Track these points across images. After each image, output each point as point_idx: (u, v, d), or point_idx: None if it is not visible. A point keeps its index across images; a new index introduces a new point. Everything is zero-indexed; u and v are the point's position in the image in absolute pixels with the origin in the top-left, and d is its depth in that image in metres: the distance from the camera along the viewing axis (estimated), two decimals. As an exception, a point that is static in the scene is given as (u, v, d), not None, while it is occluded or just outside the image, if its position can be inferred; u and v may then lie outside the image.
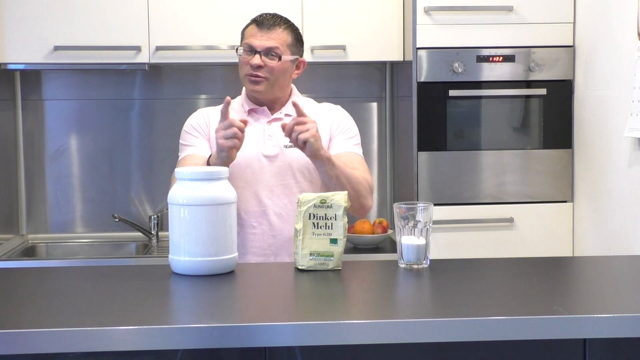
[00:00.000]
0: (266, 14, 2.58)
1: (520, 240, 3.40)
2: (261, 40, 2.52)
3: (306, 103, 2.62)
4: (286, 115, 2.57)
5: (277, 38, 2.53)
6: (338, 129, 2.59)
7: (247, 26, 2.59)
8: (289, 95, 2.63)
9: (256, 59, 2.51)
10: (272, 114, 2.59)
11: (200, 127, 2.60)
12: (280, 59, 2.52)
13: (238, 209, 2.19)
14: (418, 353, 1.71)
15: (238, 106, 2.62)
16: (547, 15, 3.38)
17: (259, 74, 2.52)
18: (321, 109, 2.65)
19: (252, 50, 2.53)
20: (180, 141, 2.62)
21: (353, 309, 1.80)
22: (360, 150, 2.62)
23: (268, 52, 2.52)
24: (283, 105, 2.61)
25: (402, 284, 2.01)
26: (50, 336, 1.56)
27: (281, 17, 2.58)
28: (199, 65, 3.75)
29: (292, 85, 2.66)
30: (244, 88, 2.63)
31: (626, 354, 1.73)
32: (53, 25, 3.42)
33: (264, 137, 2.56)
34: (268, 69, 2.52)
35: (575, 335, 1.65)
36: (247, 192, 2.53)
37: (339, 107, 2.69)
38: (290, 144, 2.48)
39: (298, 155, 2.49)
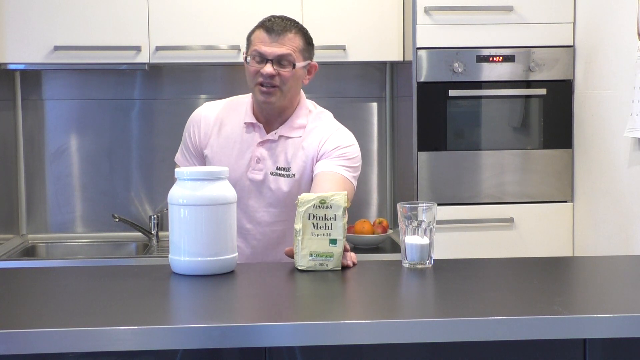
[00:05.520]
0: (275, 17, 2.41)
1: (520, 240, 3.40)
2: (272, 47, 2.35)
3: (320, 119, 2.49)
4: (280, 136, 2.44)
5: (289, 44, 2.36)
6: (328, 150, 2.42)
7: (253, 31, 2.42)
8: (297, 104, 2.47)
9: (268, 68, 2.35)
10: (267, 133, 2.45)
11: (195, 141, 2.51)
12: (294, 66, 2.36)
13: None
14: (418, 353, 1.71)
15: (243, 111, 2.48)
16: (547, 15, 3.38)
17: (273, 82, 2.36)
18: (320, 129, 2.47)
19: (263, 58, 2.36)
20: (183, 137, 2.57)
21: (353, 309, 1.81)
22: (348, 174, 2.40)
23: (280, 59, 2.35)
24: (285, 119, 2.45)
25: (402, 284, 2.01)
26: (50, 336, 1.56)
27: (291, 19, 2.42)
28: (199, 65, 3.75)
29: (301, 92, 2.51)
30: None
31: (626, 354, 1.73)
32: (53, 25, 3.42)
33: (252, 158, 2.44)
34: (281, 77, 2.36)
35: (575, 335, 1.65)
36: None
37: (348, 133, 2.49)
38: (278, 171, 2.42)
39: (283, 184, 2.43)
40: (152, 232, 3.69)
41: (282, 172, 2.44)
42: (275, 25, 2.37)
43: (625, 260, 2.41)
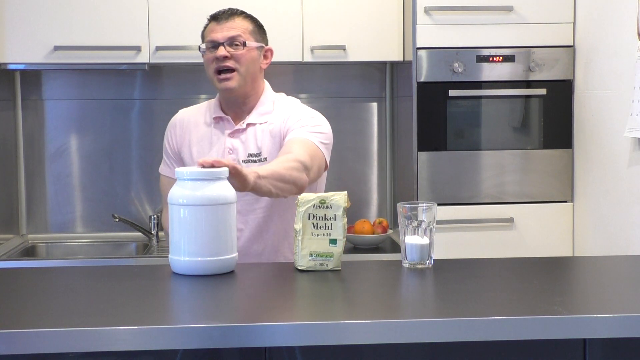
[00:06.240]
0: (221, 9, 2.53)
1: (520, 240, 3.40)
2: (222, 31, 2.47)
3: (285, 103, 2.55)
4: (248, 124, 2.49)
5: (238, 27, 2.48)
6: (293, 124, 2.46)
7: (205, 27, 2.55)
8: (261, 94, 2.55)
9: (221, 50, 2.45)
10: (235, 124, 2.52)
11: (173, 144, 2.59)
12: (245, 45, 2.46)
13: None
14: (418, 353, 1.71)
15: (212, 109, 2.56)
16: (547, 15, 3.38)
17: (227, 64, 2.45)
18: (283, 110, 2.52)
19: (215, 44, 2.47)
20: (163, 146, 2.63)
21: (353, 309, 1.80)
22: (315, 139, 2.42)
23: (231, 41, 2.46)
24: (251, 108, 2.52)
25: (402, 284, 2.01)
26: (50, 336, 1.56)
27: (237, 8, 2.54)
28: (199, 65, 3.71)
29: (266, 83, 2.59)
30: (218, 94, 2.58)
31: (626, 354, 1.73)
32: (53, 25, 3.42)
33: (224, 151, 2.49)
34: (235, 58, 2.46)
35: (575, 335, 1.65)
36: None
37: (312, 111, 2.55)
38: (249, 158, 2.46)
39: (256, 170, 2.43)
40: (152, 232, 3.69)
41: (254, 158, 2.48)
42: (221, 14, 2.51)
43: (625, 260, 2.41)
